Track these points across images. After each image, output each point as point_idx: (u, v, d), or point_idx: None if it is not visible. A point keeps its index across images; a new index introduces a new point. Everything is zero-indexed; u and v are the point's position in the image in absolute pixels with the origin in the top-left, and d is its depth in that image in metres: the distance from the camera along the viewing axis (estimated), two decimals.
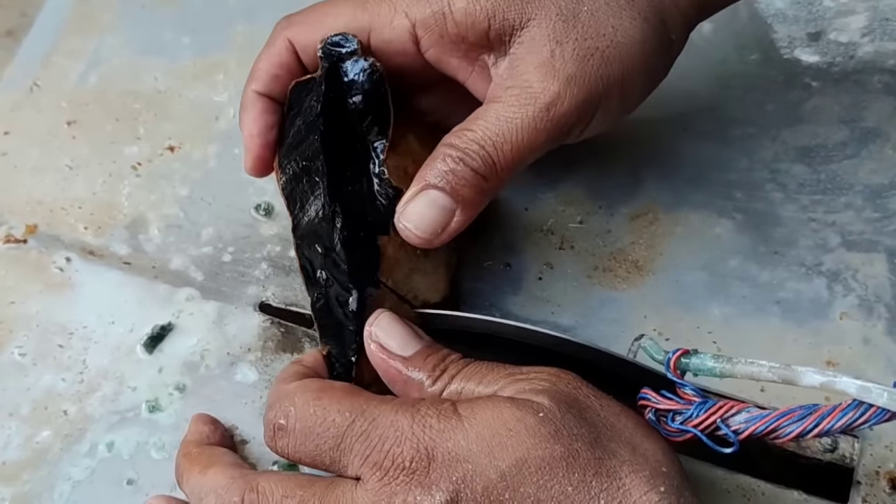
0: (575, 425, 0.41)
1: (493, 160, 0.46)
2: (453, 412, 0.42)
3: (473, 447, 0.40)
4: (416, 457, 0.41)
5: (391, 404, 0.42)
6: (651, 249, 0.56)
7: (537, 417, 0.41)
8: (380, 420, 0.42)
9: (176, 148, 0.60)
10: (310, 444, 0.43)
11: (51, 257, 0.57)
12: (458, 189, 0.46)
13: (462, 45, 0.48)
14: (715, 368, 0.42)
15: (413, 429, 0.41)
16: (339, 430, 0.42)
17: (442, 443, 0.41)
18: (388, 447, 0.41)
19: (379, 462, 0.41)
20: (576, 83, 0.46)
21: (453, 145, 0.46)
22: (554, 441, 0.40)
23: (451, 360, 0.45)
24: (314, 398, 0.43)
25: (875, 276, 0.54)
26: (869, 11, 0.62)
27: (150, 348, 0.54)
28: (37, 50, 0.64)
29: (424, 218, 0.46)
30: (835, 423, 0.39)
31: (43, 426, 0.52)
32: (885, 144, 0.58)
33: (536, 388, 0.42)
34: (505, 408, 0.41)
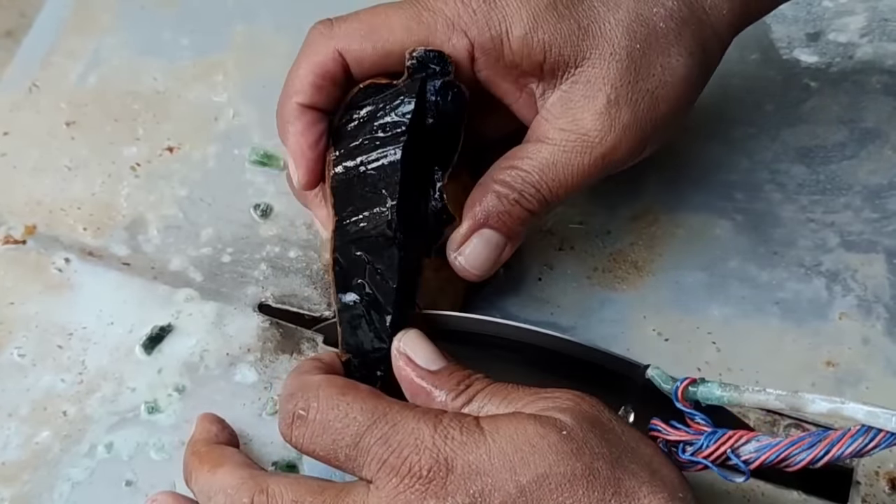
0: (597, 444, 0.41)
1: (547, 201, 0.48)
2: (476, 426, 0.41)
3: (495, 461, 0.40)
4: (434, 466, 0.40)
5: (415, 412, 0.42)
6: (651, 250, 0.56)
7: (560, 435, 0.40)
8: (401, 425, 0.42)
9: (175, 148, 0.60)
10: (327, 437, 0.42)
11: (50, 258, 0.57)
12: (512, 228, 0.48)
13: (515, 72, 0.48)
14: (723, 397, 0.42)
15: (434, 438, 0.41)
16: (359, 428, 0.42)
17: (463, 455, 0.40)
18: (406, 453, 0.41)
19: (396, 467, 0.41)
20: (630, 131, 0.48)
21: (507, 184, 0.48)
22: (576, 459, 0.40)
23: (475, 378, 0.45)
24: (339, 393, 0.43)
25: (874, 276, 0.54)
26: (868, 12, 0.62)
27: (149, 349, 0.54)
28: (36, 50, 0.64)
29: (481, 257, 0.48)
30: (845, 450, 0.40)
31: (42, 427, 0.52)
32: (884, 145, 0.58)
33: (560, 406, 0.42)
34: (528, 424, 0.41)
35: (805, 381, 0.52)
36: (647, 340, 0.53)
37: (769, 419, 0.51)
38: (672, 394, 0.43)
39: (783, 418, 0.51)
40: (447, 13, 0.47)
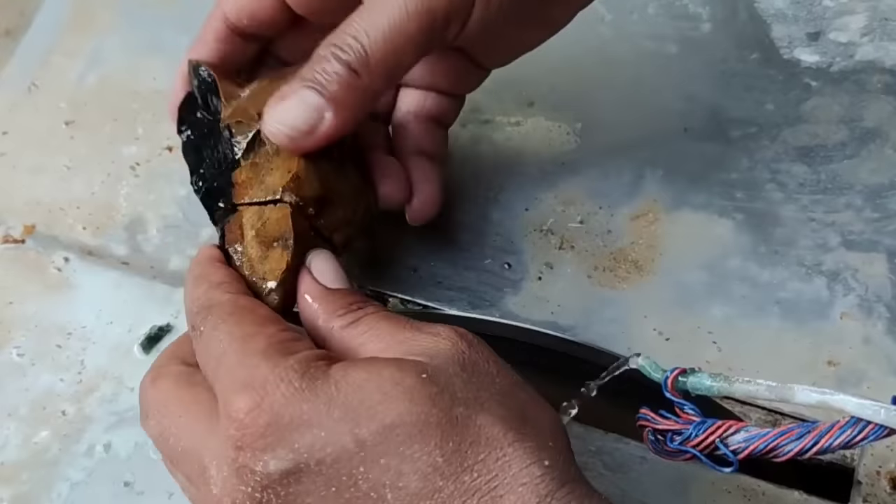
0: (460, 388, 0.37)
1: (366, 52, 0.43)
2: (322, 373, 0.37)
3: (335, 412, 0.36)
4: (253, 411, 0.37)
5: (270, 346, 0.39)
6: (651, 249, 0.56)
7: (418, 378, 0.37)
8: (246, 359, 0.38)
9: (174, 148, 0.60)
10: (203, 357, 0.41)
11: (49, 257, 0.57)
12: (327, 86, 0.44)
13: None
14: (713, 387, 0.42)
15: (267, 380, 0.37)
16: (219, 355, 0.39)
17: (295, 403, 0.36)
18: (234, 390, 0.37)
19: (226, 405, 0.37)
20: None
21: (328, 42, 0.44)
22: (432, 404, 0.36)
23: (369, 304, 0.42)
24: (228, 313, 0.41)
25: (875, 275, 0.54)
26: (868, 11, 0.62)
27: (148, 349, 0.54)
28: (35, 50, 0.64)
29: (290, 114, 0.44)
30: (833, 441, 0.39)
31: (41, 426, 0.52)
32: (885, 144, 0.58)
33: (434, 346, 0.39)
34: (385, 369, 0.37)
35: (806, 380, 0.51)
36: (647, 340, 0.53)
37: (770, 419, 0.51)
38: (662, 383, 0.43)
39: (784, 417, 0.51)
40: None
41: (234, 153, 0.48)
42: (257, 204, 0.47)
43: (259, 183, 0.47)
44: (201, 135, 0.50)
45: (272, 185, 0.46)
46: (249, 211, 0.47)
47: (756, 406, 0.51)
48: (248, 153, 0.47)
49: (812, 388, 0.40)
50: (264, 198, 0.47)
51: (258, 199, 0.47)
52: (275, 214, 0.46)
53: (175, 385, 0.41)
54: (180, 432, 0.40)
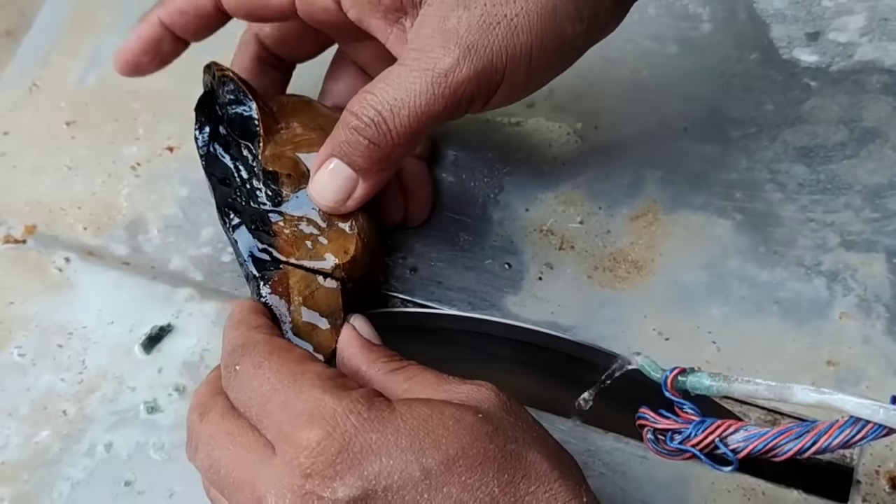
0: (510, 429, 0.40)
1: (388, 126, 0.45)
2: (387, 405, 0.40)
3: (403, 442, 0.39)
4: (324, 441, 0.39)
5: (326, 382, 0.41)
6: (651, 250, 0.56)
7: (476, 417, 0.40)
8: (306, 393, 0.40)
9: (175, 148, 0.60)
10: (244, 395, 0.42)
11: (50, 257, 0.57)
12: (353, 159, 0.47)
13: (380, 7, 0.47)
14: (712, 387, 0.42)
15: (336, 410, 0.39)
16: (268, 390, 0.41)
17: (364, 433, 0.39)
18: (300, 422, 0.39)
19: (290, 436, 0.39)
20: (476, 53, 0.44)
21: (353, 112, 0.46)
22: (489, 440, 0.39)
23: (412, 362, 0.45)
24: (267, 352, 0.43)
25: (874, 275, 0.54)
26: (867, 11, 0.62)
27: (148, 349, 0.54)
28: (36, 50, 0.64)
29: (328, 187, 0.48)
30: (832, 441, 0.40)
31: (42, 426, 0.52)
32: (884, 144, 0.58)
33: (479, 394, 0.42)
34: (445, 407, 0.40)
35: (805, 380, 0.51)
36: (647, 340, 0.53)
37: (770, 418, 0.51)
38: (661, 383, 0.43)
39: (783, 417, 0.51)
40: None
41: (279, 202, 0.50)
42: (304, 269, 0.49)
43: (307, 247, 0.49)
44: (227, 153, 0.51)
45: (324, 256, 0.49)
46: (297, 274, 0.49)
47: (755, 405, 0.51)
48: (294, 209, 0.50)
49: (811, 387, 0.40)
50: (314, 266, 0.49)
51: (307, 264, 0.49)
52: (325, 288, 0.49)
53: (222, 419, 0.43)
54: (232, 464, 0.41)
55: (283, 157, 0.50)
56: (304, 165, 0.50)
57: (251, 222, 0.50)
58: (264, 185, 0.50)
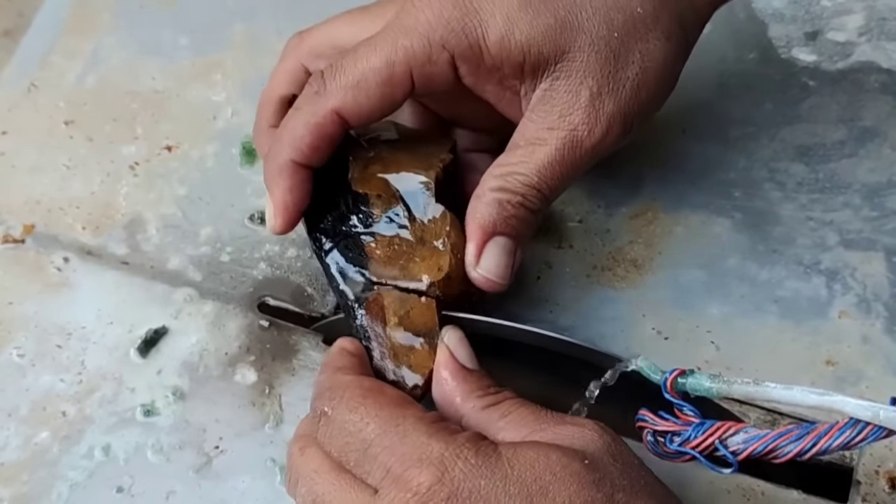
0: (618, 476, 0.40)
1: (548, 199, 0.48)
2: (494, 451, 0.40)
3: (511, 489, 0.39)
4: (436, 485, 0.39)
5: (431, 426, 0.42)
6: (650, 248, 0.56)
7: (583, 464, 0.40)
8: (412, 437, 0.41)
9: (174, 148, 0.60)
10: (341, 439, 0.42)
11: (49, 257, 0.57)
12: (520, 231, 0.48)
13: (497, 74, 0.48)
14: (711, 388, 0.42)
15: (444, 455, 0.40)
16: (370, 434, 0.42)
17: (473, 479, 0.39)
18: (408, 465, 0.40)
19: (398, 479, 0.40)
20: (616, 119, 0.48)
21: (508, 190, 0.48)
22: (596, 489, 0.39)
23: (504, 389, 0.45)
24: (361, 395, 0.43)
25: (873, 274, 0.54)
26: (866, 11, 0.62)
27: (144, 353, 0.54)
28: (35, 50, 0.64)
29: (500, 265, 0.48)
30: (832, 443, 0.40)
31: (42, 427, 0.52)
32: (883, 143, 0.58)
33: (584, 435, 0.42)
34: (552, 452, 0.40)
35: (804, 379, 0.52)
36: (646, 339, 0.53)
37: (769, 419, 0.51)
38: (661, 384, 0.43)
39: (783, 417, 0.51)
40: (421, 30, 0.47)
41: (370, 224, 0.50)
42: (399, 289, 0.49)
43: (400, 266, 0.49)
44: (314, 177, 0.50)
45: (419, 275, 0.49)
46: (391, 295, 0.49)
47: (755, 406, 0.51)
48: (385, 230, 0.49)
49: (811, 388, 0.40)
50: (408, 286, 0.49)
51: (401, 283, 0.49)
52: (420, 306, 0.48)
53: (326, 455, 0.43)
54: (335, 500, 0.42)
55: (372, 179, 0.50)
56: (392, 186, 0.50)
57: (344, 246, 0.50)
58: (354, 207, 0.50)
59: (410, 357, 0.48)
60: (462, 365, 0.46)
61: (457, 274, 0.49)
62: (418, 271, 0.49)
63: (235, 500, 0.50)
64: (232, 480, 0.50)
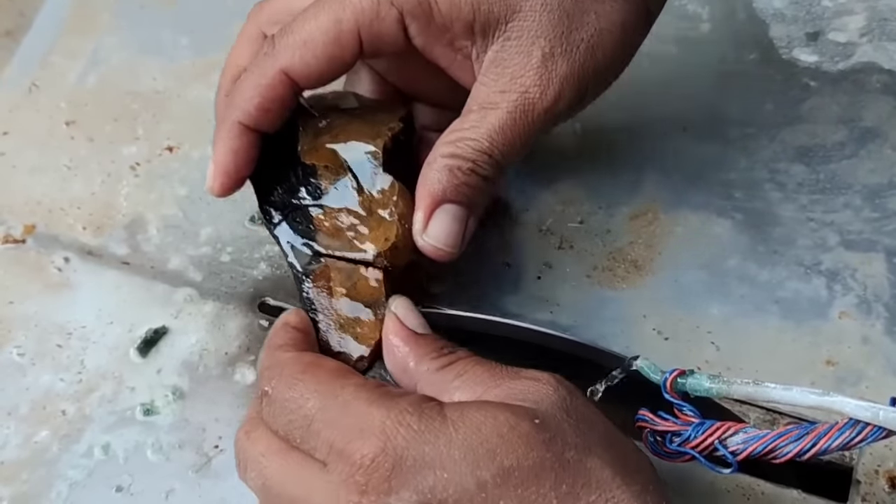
0: (571, 433, 0.39)
1: (500, 165, 0.47)
2: (438, 413, 0.39)
3: (455, 454, 0.38)
4: (378, 456, 0.38)
5: (370, 394, 0.40)
6: (650, 249, 0.56)
7: (533, 424, 0.38)
8: (352, 408, 0.40)
9: (175, 148, 0.60)
10: (284, 418, 0.41)
11: (49, 257, 0.57)
12: (471, 198, 0.47)
13: (447, 35, 0.47)
14: (711, 389, 0.42)
15: (385, 424, 0.38)
16: (311, 410, 0.40)
17: (416, 445, 0.38)
18: (350, 438, 0.39)
19: (342, 452, 0.39)
20: (569, 82, 0.46)
21: (459, 156, 0.46)
22: (546, 449, 0.38)
23: (457, 349, 0.44)
24: (300, 371, 0.42)
25: (874, 275, 0.54)
26: (867, 11, 0.62)
27: (144, 353, 0.54)
28: (35, 50, 0.64)
29: (448, 232, 0.47)
30: (832, 443, 0.40)
31: (41, 426, 0.52)
32: (884, 144, 0.58)
33: (538, 391, 0.40)
34: (500, 412, 0.39)
35: (805, 380, 0.52)
36: (646, 339, 0.53)
37: (769, 418, 0.51)
38: (661, 384, 0.43)
39: (783, 417, 0.51)
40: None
41: (318, 196, 0.49)
42: (346, 260, 0.48)
43: (349, 238, 0.48)
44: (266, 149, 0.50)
45: (365, 245, 0.48)
46: (337, 266, 0.48)
47: (755, 406, 0.51)
48: (334, 202, 0.49)
49: (811, 389, 0.40)
50: (354, 257, 0.48)
51: (348, 255, 0.48)
52: (366, 278, 0.48)
53: (271, 437, 0.42)
54: (285, 481, 0.41)
55: (321, 149, 0.49)
56: (341, 156, 0.49)
57: (293, 219, 0.49)
58: (304, 179, 0.49)
59: (356, 328, 0.47)
60: (412, 330, 0.45)
61: (404, 244, 0.47)
62: (365, 242, 0.48)
63: (235, 500, 0.50)
64: (231, 480, 0.50)
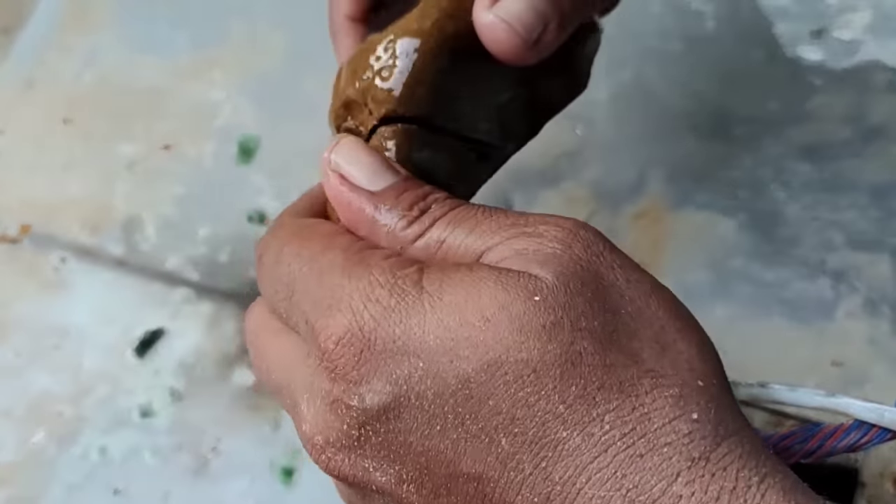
0: (584, 314, 0.30)
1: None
2: (414, 284, 0.31)
3: (430, 339, 0.30)
4: (344, 338, 0.31)
5: (351, 258, 0.32)
6: (654, 249, 0.56)
7: (530, 302, 0.30)
8: (326, 278, 0.32)
9: (172, 146, 0.60)
10: (270, 288, 0.35)
11: (45, 257, 0.57)
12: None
13: None
14: None
15: (352, 299, 0.31)
16: (291, 280, 0.34)
17: (386, 326, 0.30)
18: (320, 314, 0.32)
19: (313, 333, 0.32)
20: None
21: None
22: (547, 338, 0.29)
23: (434, 199, 0.34)
24: (289, 235, 0.35)
25: (880, 275, 0.54)
26: (872, 9, 0.62)
27: (141, 353, 0.54)
28: (32, 47, 0.64)
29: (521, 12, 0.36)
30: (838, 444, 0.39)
31: (38, 428, 0.52)
32: (890, 142, 0.58)
33: (543, 251, 0.31)
34: (486, 286, 0.30)
35: (810, 380, 0.51)
36: None
37: (774, 420, 0.50)
38: None
39: (788, 418, 0.50)
40: None
41: None
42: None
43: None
44: None
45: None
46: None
47: (760, 407, 0.51)
48: None
49: (816, 390, 0.40)
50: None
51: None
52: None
53: (264, 315, 0.36)
54: (271, 365, 0.35)
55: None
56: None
57: None
58: None
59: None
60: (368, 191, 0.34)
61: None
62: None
63: (233, 502, 0.49)
64: (229, 482, 0.50)
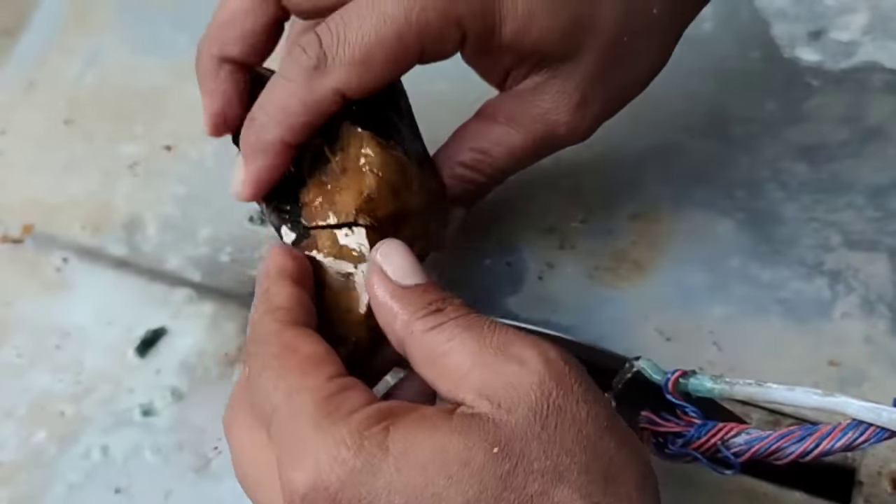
0: (537, 456, 0.34)
1: (507, 176, 0.49)
2: (379, 447, 0.34)
3: (397, 500, 0.33)
4: (309, 495, 0.34)
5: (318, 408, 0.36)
6: (652, 249, 0.56)
7: (489, 455, 0.34)
8: (296, 422, 0.36)
9: (173, 147, 0.60)
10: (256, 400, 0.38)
11: (47, 257, 0.57)
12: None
13: (497, 57, 0.45)
14: (713, 389, 0.42)
15: (319, 458, 0.34)
16: (271, 409, 0.37)
17: (352, 487, 0.34)
18: (287, 464, 0.35)
19: (282, 474, 0.35)
20: (598, 121, 0.47)
21: (477, 169, 0.48)
22: (504, 486, 0.33)
23: (450, 303, 0.38)
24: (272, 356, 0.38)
25: (877, 275, 0.54)
26: (870, 10, 0.62)
27: (143, 353, 0.54)
28: (33, 48, 0.64)
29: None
30: (835, 444, 0.39)
31: (39, 427, 0.52)
32: (887, 144, 0.58)
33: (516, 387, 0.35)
34: (451, 444, 0.34)
35: (807, 380, 0.51)
36: (648, 339, 0.53)
37: (771, 419, 0.51)
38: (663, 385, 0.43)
39: (785, 418, 0.50)
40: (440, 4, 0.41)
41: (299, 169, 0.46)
42: (331, 227, 0.45)
43: (330, 204, 0.45)
44: None
45: (344, 207, 0.44)
46: (325, 235, 0.45)
47: (757, 407, 0.51)
48: (312, 171, 0.45)
49: (813, 390, 0.40)
50: (337, 221, 0.45)
51: (332, 221, 0.45)
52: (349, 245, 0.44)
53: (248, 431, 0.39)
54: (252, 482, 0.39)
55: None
56: None
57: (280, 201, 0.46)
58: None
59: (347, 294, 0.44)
60: (397, 284, 0.39)
61: (380, 193, 0.44)
62: (344, 203, 0.44)
63: (234, 501, 0.49)
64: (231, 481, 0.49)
